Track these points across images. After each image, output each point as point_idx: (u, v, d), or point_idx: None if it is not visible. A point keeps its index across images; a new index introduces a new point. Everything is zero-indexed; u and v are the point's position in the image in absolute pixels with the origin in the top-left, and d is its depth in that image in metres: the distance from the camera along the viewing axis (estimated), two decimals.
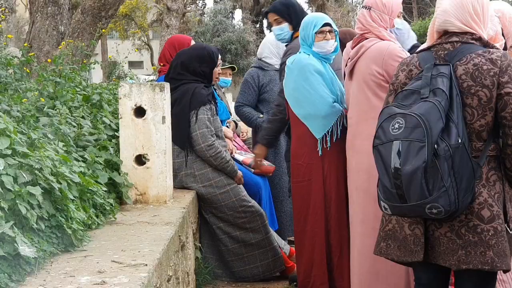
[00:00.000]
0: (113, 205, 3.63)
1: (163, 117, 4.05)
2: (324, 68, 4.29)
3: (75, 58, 6.04)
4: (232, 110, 6.25)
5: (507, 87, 2.74)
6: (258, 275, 4.88)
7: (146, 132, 4.04)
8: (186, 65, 4.74)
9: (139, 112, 4.06)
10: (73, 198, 2.97)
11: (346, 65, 3.96)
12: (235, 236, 4.80)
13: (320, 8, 29.85)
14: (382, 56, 3.72)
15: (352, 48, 3.89)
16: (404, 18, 4.27)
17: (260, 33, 30.65)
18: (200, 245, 4.77)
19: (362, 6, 3.95)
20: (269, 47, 5.77)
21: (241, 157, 5.27)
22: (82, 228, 2.94)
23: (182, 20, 21.84)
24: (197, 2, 32.34)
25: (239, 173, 4.80)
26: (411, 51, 3.88)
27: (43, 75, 4.72)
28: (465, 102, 2.78)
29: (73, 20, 7.26)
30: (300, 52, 4.38)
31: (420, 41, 4.41)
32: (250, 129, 6.20)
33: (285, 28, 4.96)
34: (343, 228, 4.22)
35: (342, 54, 4.29)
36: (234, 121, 6.10)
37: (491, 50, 2.82)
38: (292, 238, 5.39)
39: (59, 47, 6.34)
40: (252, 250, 4.83)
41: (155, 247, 2.89)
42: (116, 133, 4.29)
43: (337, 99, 4.26)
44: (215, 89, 5.44)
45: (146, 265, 2.57)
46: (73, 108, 4.37)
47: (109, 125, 4.40)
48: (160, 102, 4.04)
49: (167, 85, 4.15)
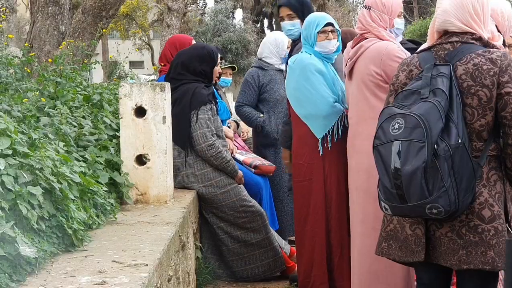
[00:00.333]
0: (114, 205, 3.63)
1: (164, 117, 4.05)
2: (325, 68, 4.29)
3: (75, 58, 6.04)
4: (233, 110, 6.25)
5: (507, 87, 2.74)
6: (258, 275, 4.88)
7: (146, 132, 4.04)
8: (187, 65, 4.73)
9: (140, 112, 4.06)
10: (73, 198, 2.97)
11: (346, 64, 3.96)
12: (235, 236, 4.80)
13: (321, 8, 29.82)
14: (380, 56, 3.71)
15: (352, 48, 3.89)
16: (405, 17, 4.26)
17: (261, 33, 30.63)
18: (200, 245, 4.77)
19: (363, 6, 3.95)
20: (269, 47, 5.76)
21: (241, 157, 5.27)
22: (83, 228, 2.94)
23: (182, 20, 21.84)
24: (198, 1, 32.34)
25: (240, 173, 4.80)
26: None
27: (43, 75, 4.72)
28: (465, 102, 2.78)
29: (74, 20, 7.26)
30: (302, 52, 4.37)
31: (421, 40, 4.41)
32: (250, 129, 6.20)
33: (297, 24, 4.79)
34: (343, 228, 4.22)
35: (343, 54, 4.29)
36: (236, 121, 6.10)
37: (491, 50, 2.82)
38: (292, 238, 5.39)
39: (60, 47, 6.33)
40: (252, 250, 4.83)
41: (155, 247, 2.89)
42: (116, 133, 4.29)
43: (338, 99, 4.26)
44: (216, 89, 5.44)
45: (147, 265, 2.57)
46: (74, 108, 4.37)
47: (110, 125, 4.40)
48: (160, 102, 4.04)
49: (167, 85, 4.15)
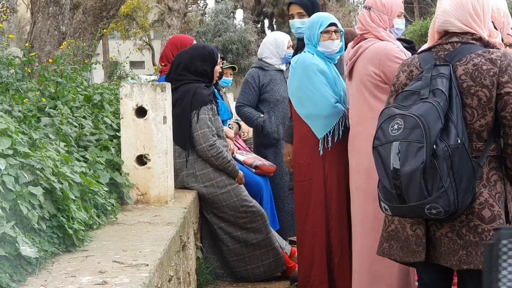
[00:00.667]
0: (114, 205, 3.63)
1: (164, 117, 4.05)
2: (327, 68, 4.28)
3: (76, 58, 6.05)
4: (233, 110, 6.25)
5: (507, 87, 2.74)
6: (259, 275, 4.88)
7: (147, 132, 4.04)
8: (188, 65, 4.73)
9: (140, 112, 4.06)
10: (74, 198, 2.97)
11: (347, 65, 3.96)
12: (236, 236, 4.80)
13: (322, 8, 29.73)
14: (379, 57, 3.70)
15: (352, 48, 3.89)
16: (406, 18, 4.25)
17: (262, 33, 30.62)
18: (201, 245, 4.77)
19: (363, 7, 3.95)
20: (268, 47, 5.76)
21: (242, 157, 5.27)
22: (84, 228, 2.94)
23: (183, 20, 21.83)
24: (199, 2, 32.32)
25: (240, 173, 4.80)
26: None
27: (44, 75, 4.72)
28: (465, 102, 2.78)
29: (75, 20, 7.26)
30: (304, 52, 4.37)
31: (422, 40, 4.41)
32: (251, 129, 6.20)
33: (307, 23, 4.80)
34: (344, 228, 4.22)
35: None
36: (237, 122, 6.10)
37: (491, 50, 2.82)
38: (293, 238, 5.39)
39: (61, 47, 6.34)
40: (253, 250, 4.83)
41: (156, 247, 2.90)
42: (117, 133, 4.29)
43: (340, 99, 4.25)
44: (218, 89, 5.44)
45: (147, 265, 2.57)
46: (75, 108, 4.37)
47: (111, 125, 4.40)
48: (161, 102, 4.04)
49: (168, 85, 4.16)
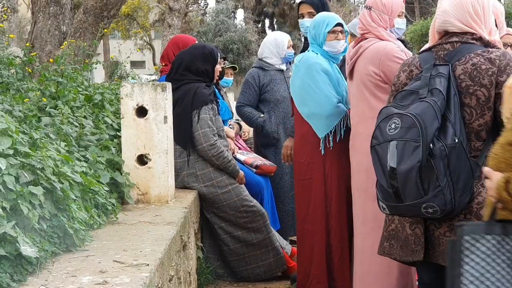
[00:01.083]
0: (115, 205, 3.63)
1: (165, 117, 4.06)
2: (331, 68, 4.28)
3: (77, 58, 6.06)
4: (234, 110, 6.25)
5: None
6: (259, 275, 4.88)
7: (148, 132, 4.05)
8: (189, 65, 4.73)
9: (141, 112, 4.06)
10: (75, 198, 2.97)
11: (347, 64, 3.96)
12: (236, 236, 4.80)
13: None
14: (379, 57, 3.70)
15: (353, 48, 3.89)
16: (406, 18, 4.24)
17: (262, 33, 30.61)
18: (201, 245, 4.78)
19: (364, 6, 3.95)
20: (269, 47, 5.76)
21: (243, 157, 5.27)
22: (84, 228, 2.95)
23: (184, 20, 21.84)
24: (199, 2, 32.30)
25: (241, 172, 4.80)
26: None
27: (45, 75, 4.73)
28: (464, 102, 2.78)
29: (75, 20, 7.27)
30: (308, 51, 4.37)
31: (423, 40, 4.41)
32: (251, 129, 6.20)
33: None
34: (344, 228, 4.22)
35: None
36: (238, 123, 6.10)
37: (490, 49, 2.82)
38: (294, 238, 5.39)
39: (61, 47, 6.35)
40: (253, 250, 4.83)
41: (156, 247, 2.90)
42: (118, 133, 4.29)
43: (343, 99, 4.25)
44: (218, 89, 5.44)
45: (148, 265, 2.58)
46: (75, 108, 4.38)
47: (111, 125, 4.41)
48: (162, 102, 4.04)
49: (168, 85, 4.16)
